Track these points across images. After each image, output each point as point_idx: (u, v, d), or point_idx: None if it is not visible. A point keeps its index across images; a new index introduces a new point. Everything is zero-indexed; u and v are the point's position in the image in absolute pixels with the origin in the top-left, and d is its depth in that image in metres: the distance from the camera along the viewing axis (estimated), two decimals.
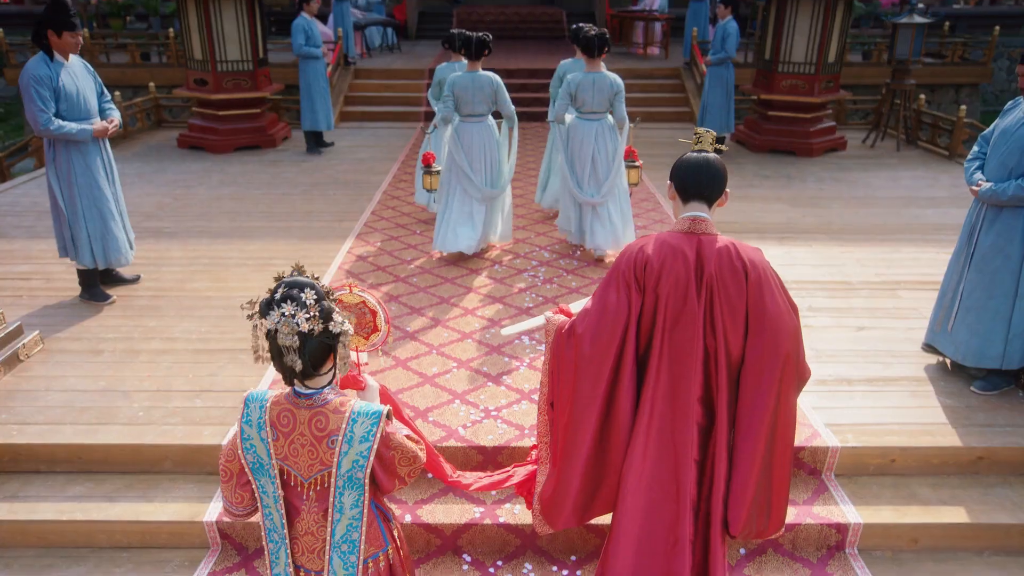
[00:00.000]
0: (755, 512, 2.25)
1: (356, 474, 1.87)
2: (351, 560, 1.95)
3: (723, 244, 2.17)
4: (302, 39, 8.30)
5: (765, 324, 2.11)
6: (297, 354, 1.77)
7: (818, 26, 8.31)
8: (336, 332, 1.83)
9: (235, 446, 1.92)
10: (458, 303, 4.92)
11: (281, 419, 1.87)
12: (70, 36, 4.35)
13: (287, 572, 2.00)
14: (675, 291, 2.15)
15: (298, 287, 1.79)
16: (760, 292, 2.11)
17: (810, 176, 8.05)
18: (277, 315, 1.76)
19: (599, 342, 2.21)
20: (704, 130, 2.32)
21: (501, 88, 5.33)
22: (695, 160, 2.22)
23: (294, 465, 1.89)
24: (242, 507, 2.01)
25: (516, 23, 16.59)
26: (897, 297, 5.04)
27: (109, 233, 4.73)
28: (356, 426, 1.84)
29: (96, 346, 4.31)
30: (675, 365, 2.18)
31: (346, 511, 1.91)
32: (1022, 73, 3.55)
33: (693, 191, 2.20)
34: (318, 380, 1.87)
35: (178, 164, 8.40)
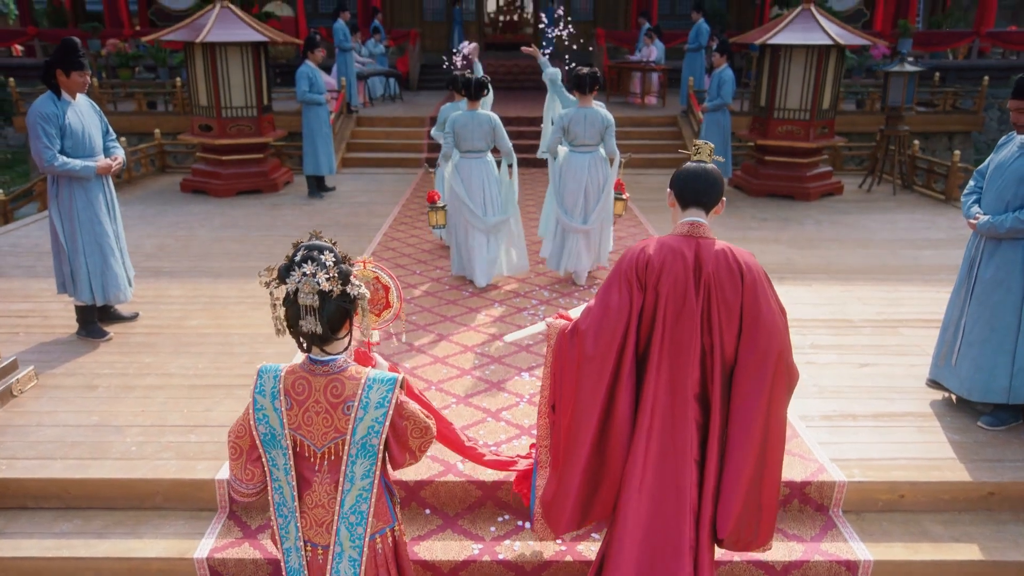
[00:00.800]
0: (746, 515, 2.28)
1: (371, 441, 1.88)
2: (358, 532, 1.95)
3: (720, 247, 2.27)
4: (306, 85, 8.46)
5: (759, 323, 2.20)
6: (316, 315, 1.80)
7: (811, 74, 8.49)
8: (353, 295, 1.87)
9: (247, 420, 1.93)
10: (457, 340, 4.89)
11: (296, 387, 1.89)
12: (78, 76, 4.43)
13: (297, 547, 1.99)
14: (675, 290, 2.22)
15: (317, 250, 1.83)
16: (755, 293, 2.21)
17: (808, 219, 8.10)
18: (298, 275, 1.79)
19: (602, 339, 2.26)
20: (702, 142, 2.43)
21: (499, 126, 5.60)
22: (694, 169, 2.33)
23: (307, 434, 1.90)
24: (252, 484, 2.00)
25: (516, 74, 16.96)
26: (899, 335, 5.01)
27: (109, 269, 4.72)
28: (372, 392, 1.87)
29: (90, 382, 4.26)
30: (675, 361, 2.24)
31: (357, 481, 1.91)
32: (1014, 108, 3.59)
33: (691, 198, 2.31)
34: (335, 345, 1.90)
35: (180, 207, 8.46)
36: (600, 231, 5.80)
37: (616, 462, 2.34)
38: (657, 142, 11.39)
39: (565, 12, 19.58)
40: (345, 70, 11.90)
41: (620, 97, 13.85)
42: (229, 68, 8.56)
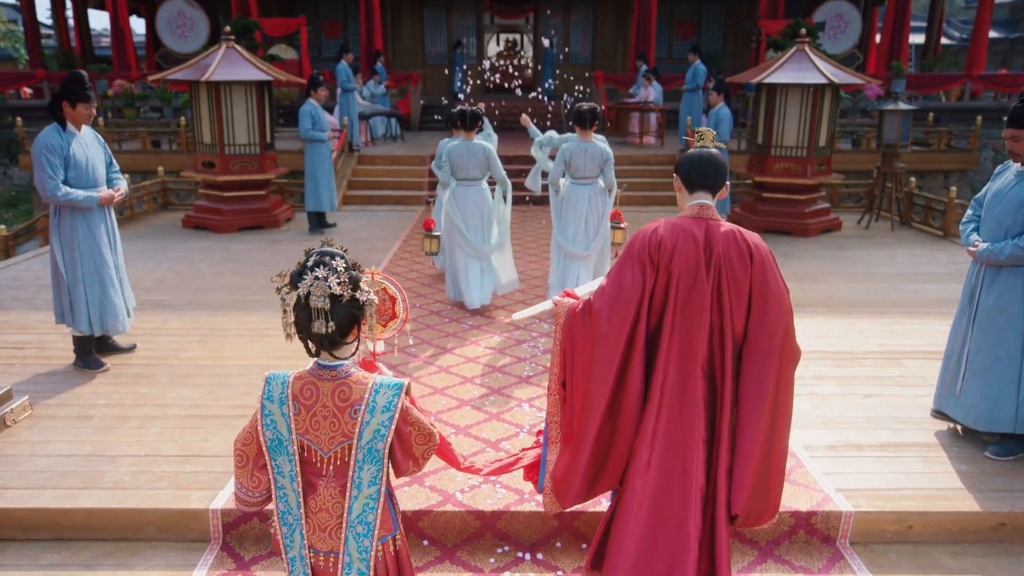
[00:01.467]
0: (756, 490, 2.33)
1: (376, 445, 1.91)
2: (365, 544, 1.96)
3: (728, 228, 2.34)
4: (308, 123, 8.57)
5: (768, 300, 2.28)
6: (327, 317, 1.85)
7: (807, 112, 8.60)
8: (362, 301, 1.92)
9: (254, 427, 1.96)
10: (457, 372, 4.85)
11: (304, 392, 1.92)
12: (84, 107, 4.49)
13: (302, 555, 1.99)
14: (686, 269, 2.28)
15: (329, 255, 1.90)
16: (763, 271, 2.29)
17: (807, 254, 8.12)
18: (310, 278, 1.86)
19: (615, 317, 2.31)
20: (705, 128, 2.54)
21: (493, 155, 5.88)
22: (699, 154, 2.42)
23: (314, 439, 1.93)
24: (257, 492, 2.02)
25: (517, 116, 17.19)
26: (902, 366, 4.97)
27: (108, 300, 4.71)
28: (379, 396, 1.91)
29: (85, 412, 4.21)
30: (686, 338, 2.29)
31: (364, 488, 1.94)
32: (1009, 136, 3.62)
33: (698, 182, 2.39)
34: (343, 350, 1.94)
35: (181, 242, 8.49)
36: (600, 258, 5.89)
37: (626, 437, 2.39)
38: (656, 180, 11.49)
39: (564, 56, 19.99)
40: (347, 110, 12.08)
41: (619, 137, 14.02)
42: (233, 106, 8.68)
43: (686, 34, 18.55)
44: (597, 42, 19.01)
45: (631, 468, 2.38)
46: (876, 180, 9.53)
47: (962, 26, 30.07)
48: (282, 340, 2.03)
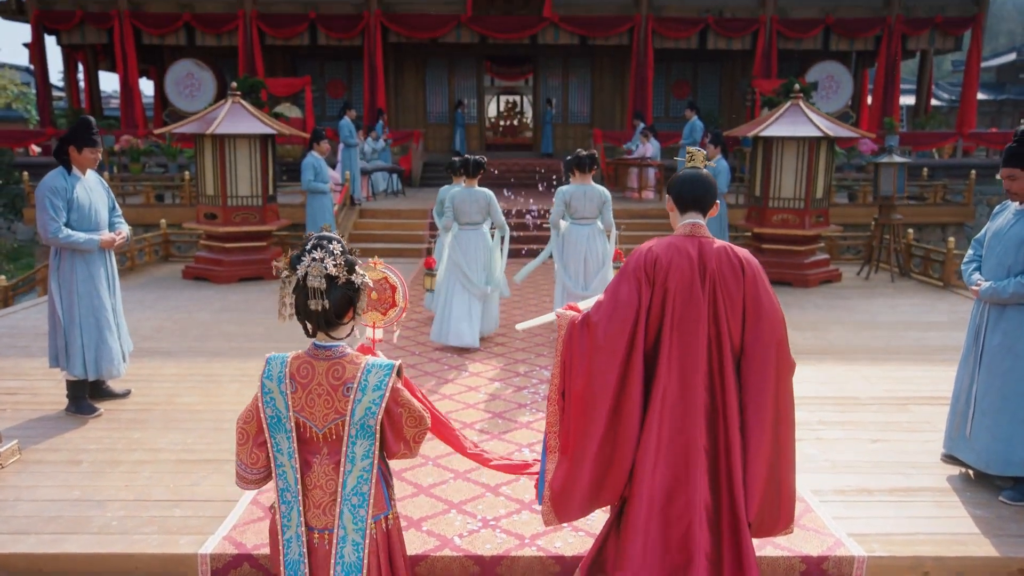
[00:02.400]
0: (768, 496, 2.38)
1: (368, 421, 1.99)
2: (360, 514, 2.02)
3: (720, 245, 2.43)
4: (311, 175, 8.68)
5: (761, 313, 2.37)
6: (323, 297, 1.95)
7: (803, 164, 8.72)
8: (357, 284, 2.03)
9: (255, 405, 2.05)
10: (456, 417, 4.76)
11: (301, 371, 2.02)
12: (90, 152, 4.54)
13: (298, 534, 2.04)
14: (682, 284, 2.35)
15: (327, 239, 2.02)
16: (756, 286, 2.37)
17: (808, 303, 8.10)
18: (308, 259, 1.97)
19: (612, 330, 2.36)
20: (695, 149, 2.61)
21: (493, 201, 6.22)
22: (690, 175, 2.51)
23: (310, 416, 2.01)
24: (256, 468, 2.10)
25: (516, 172, 17.47)
26: (909, 412, 4.89)
27: (104, 343, 4.66)
28: (370, 375, 2.00)
29: (75, 456, 4.11)
30: (684, 351, 2.35)
31: (357, 461, 2.01)
32: (1006, 176, 3.65)
33: (690, 202, 2.47)
34: (339, 330, 2.05)
35: (181, 292, 8.48)
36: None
37: (627, 449, 2.40)
38: (655, 233, 11.56)
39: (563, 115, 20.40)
40: (350, 165, 12.25)
41: (618, 192, 14.18)
42: (237, 159, 8.81)
43: (682, 93, 19.00)
44: (595, 101, 19.44)
45: (636, 479, 2.39)
46: (874, 232, 9.59)
47: (951, 88, 30.85)
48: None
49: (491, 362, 5.89)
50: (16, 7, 17.19)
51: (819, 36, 16.60)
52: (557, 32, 16.72)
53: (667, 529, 2.36)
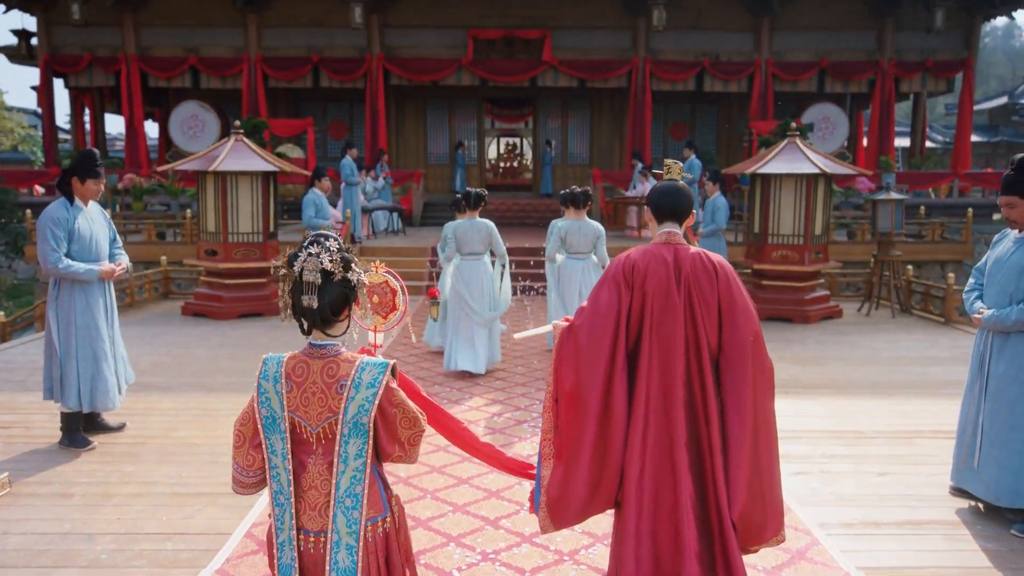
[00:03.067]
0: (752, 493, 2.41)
1: (361, 419, 1.96)
2: (354, 516, 1.98)
3: (695, 251, 2.53)
4: (312, 211, 8.73)
5: (736, 312, 2.46)
6: (317, 292, 1.96)
7: (802, 200, 8.77)
8: (353, 281, 2.03)
9: (251, 407, 2.04)
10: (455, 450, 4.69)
11: (296, 370, 2.01)
12: (93, 183, 4.57)
13: (290, 537, 2.01)
14: (659, 288, 2.46)
15: (324, 237, 2.04)
16: (729, 287, 2.47)
17: (809, 339, 8.06)
18: (304, 255, 1.98)
19: (594, 332, 2.46)
20: (672, 161, 2.72)
21: (494, 232, 6.40)
22: (667, 187, 2.62)
23: (304, 415, 2.00)
24: (252, 471, 2.08)
25: (516, 212, 17.61)
26: (914, 445, 4.83)
27: (100, 375, 4.62)
28: (364, 373, 1.98)
29: (66, 490, 4.04)
30: (664, 351, 2.45)
31: (350, 461, 1.99)
32: (1004, 203, 3.66)
33: (666, 212, 2.59)
34: (335, 328, 2.04)
35: (179, 328, 8.45)
36: None
37: (616, 449, 2.46)
38: None
39: (563, 156, 20.61)
40: (351, 203, 12.33)
41: (617, 230, 14.26)
42: (239, 195, 8.87)
43: (680, 134, 19.23)
44: (594, 143, 19.68)
45: (625, 481, 2.45)
46: (874, 268, 9.60)
47: (944, 130, 31.29)
48: None
49: (491, 395, 5.86)
50: (26, 51, 17.55)
51: (814, 78, 16.89)
52: (556, 75, 17.01)
53: (657, 531, 2.40)
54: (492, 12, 16.63)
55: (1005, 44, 60.78)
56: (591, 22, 16.74)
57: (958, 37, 16.89)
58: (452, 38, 16.61)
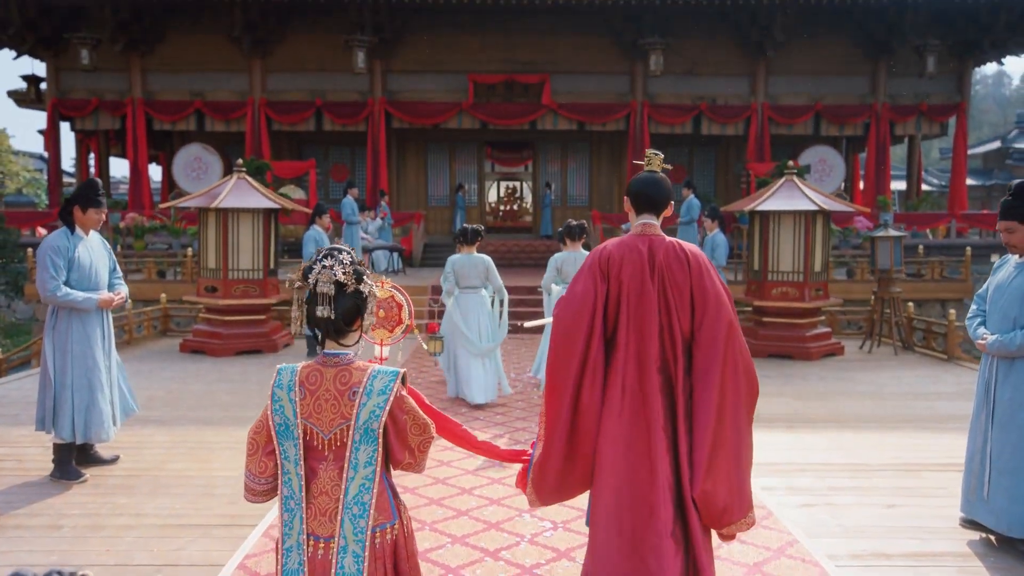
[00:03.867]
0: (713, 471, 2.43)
1: (372, 425, 2.03)
2: (360, 524, 2.02)
3: (669, 241, 2.60)
4: (312, 248, 8.73)
5: (708, 299, 2.51)
6: (331, 303, 2.04)
7: (801, 237, 8.80)
8: (365, 293, 2.11)
9: (265, 415, 2.10)
10: (455, 483, 4.61)
11: (310, 378, 2.08)
12: (94, 212, 4.58)
13: (299, 542, 2.05)
14: (634, 277, 2.54)
15: (337, 250, 2.12)
16: (700, 275, 2.53)
17: (811, 375, 7.99)
18: (319, 267, 2.06)
19: (571, 318, 2.55)
20: (652, 152, 2.70)
21: (491, 267, 6.59)
22: (645, 178, 2.67)
23: (317, 422, 2.06)
24: (263, 478, 2.14)
25: (516, 252, 17.68)
26: (921, 478, 4.74)
27: (94, 405, 4.56)
28: (376, 380, 2.05)
29: (56, 522, 3.95)
30: (639, 337, 2.51)
31: (360, 468, 2.04)
32: (1003, 229, 3.67)
33: (644, 204, 2.65)
34: (348, 338, 2.12)
35: (177, 364, 8.39)
36: None
37: (587, 432, 2.52)
38: None
39: (562, 198, 20.78)
40: (351, 241, 12.38)
41: None
42: (240, 232, 8.90)
43: (678, 177, 19.36)
44: (594, 184, 19.88)
45: (601, 463, 2.51)
46: (874, 306, 9.58)
47: (940, 174, 31.65)
48: None
49: (492, 429, 5.77)
50: (35, 96, 17.86)
51: (810, 121, 17.15)
52: (556, 118, 17.27)
53: (633, 510, 2.44)
54: (492, 57, 16.97)
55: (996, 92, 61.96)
56: (590, 67, 17.07)
57: (950, 81, 17.21)
58: (453, 82, 16.92)
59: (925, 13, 15.88)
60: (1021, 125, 33.93)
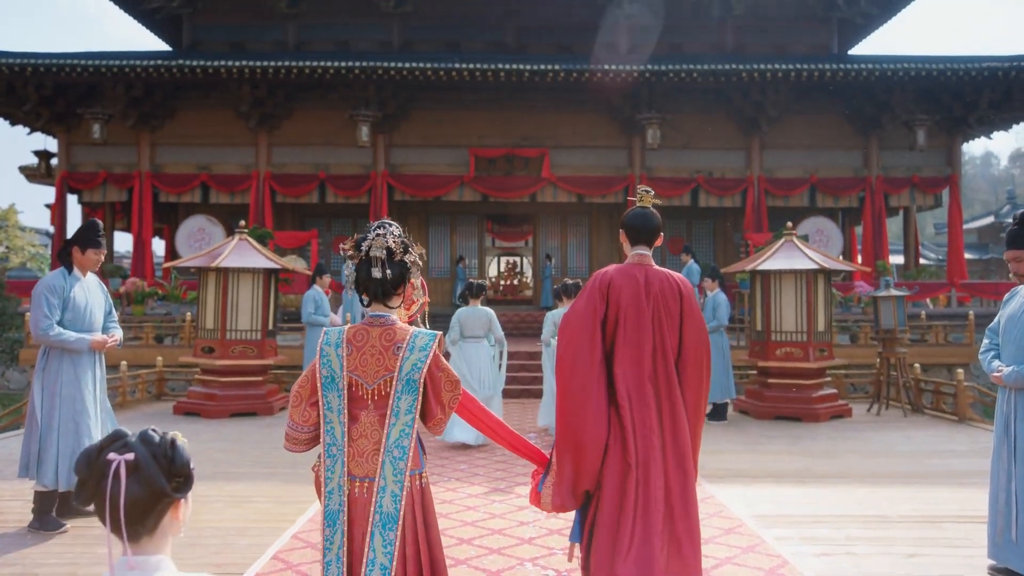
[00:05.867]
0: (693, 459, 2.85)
1: (414, 376, 2.29)
2: (400, 467, 2.24)
3: (663, 271, 2.93)
4: (311, 308, 8.70)
5: (694, 324, 2.88)
6: (383, 266, 2.31)
7: (802, 296, 8.76)
8: (408, 263, 2.39)
9: (312, 370, 2.35)
10: (455, 534, 4.39)
11: (357, 336, 2.36)
12: (93, 253, 4.55)
13: (340, 484, 2.27)
14: (631, 301, 2.84)
15: (387, 223, 2.43)
16: (690, 304, 2.90)
17: (820, 435, 7.78)
18: (372, 235, 2.36)
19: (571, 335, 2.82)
20: (643, 189, 3.00)
21: (494, 319, 7.16)
22: (639, 213, 2.96)
23: (362, 374, 2.32)
24: (306, 427, 2.36)
25: (516, 323, 17.61)
26: (943, 529, 4.52)
27: (80, 451, 4.39)
28: (417, 339, 2.33)
29: (31, 571, 3.74)
30: (636, 354, 2.80)
31: (401, 415, 2.29)
32: (1012, 258, 3.63)
33: (638, 236, 2.95)
34: (392, 300, 2.40)
35: (170, 426, 7.94)
36: None
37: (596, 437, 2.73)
38: None
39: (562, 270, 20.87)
40: (350, 307, 12.33)
41: None
42: (239, 292, 8.87)
43: (677, 249, 19.51)
44: (593, 256, 20.00)
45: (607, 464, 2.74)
46: (880, 367, 9.45)
47: (936, 248, 31.96)
48: (264, 505, 2.62)
49: (493, 474, 5.58)
50: (45, 171, 18.22)
51: (805, 193, 17.41)
52: (555, 191, 17.56)
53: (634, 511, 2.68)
54: (493, 132, 17.42)
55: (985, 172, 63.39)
56: (588, 141, 17.50)
57: (941, 155, 17.59)
58: (454, 156, 17.30)
59: (912, 90, 16.40)
60: (1013, 200, 34.54)
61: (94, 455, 1.39)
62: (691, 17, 18.11)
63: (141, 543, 1.40)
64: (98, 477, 1.36)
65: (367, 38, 18.23)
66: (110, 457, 1.36)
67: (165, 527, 1.43)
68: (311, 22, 18.21)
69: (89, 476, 1.38)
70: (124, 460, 1.35)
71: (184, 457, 1.43)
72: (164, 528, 1.43)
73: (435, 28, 18.40)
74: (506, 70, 15.39)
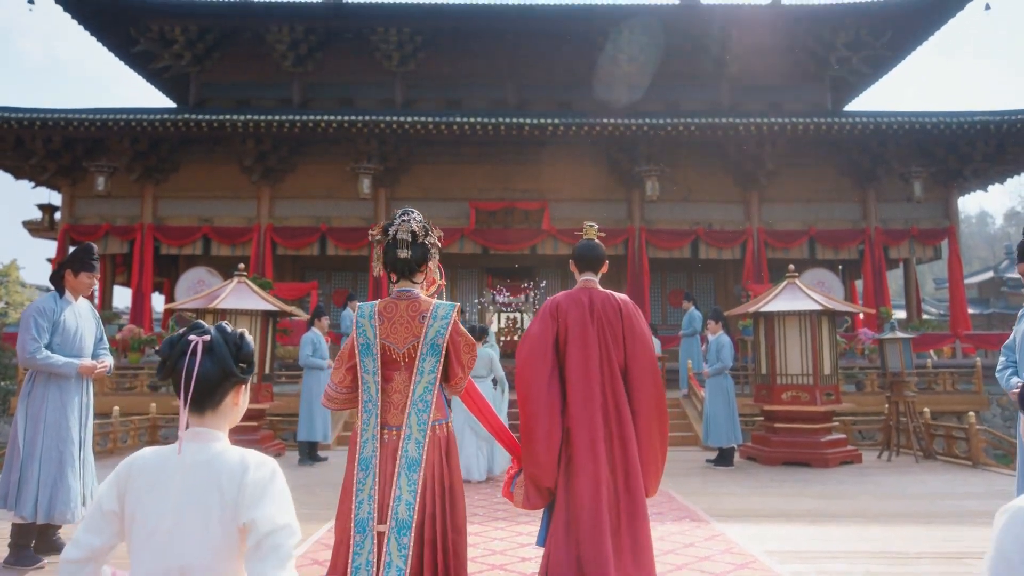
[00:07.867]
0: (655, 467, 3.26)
1: (437, 341, 2.74)
2: (423, 418, 2.70)
3: (606, 293, 3.36)
4: (309, 350, 8.57)
5: (636, 339, 3.29)
6: (408, 247, 2.76)
7: (807, 339, 8.64)
8: (429, 245, 2.84)
9: (351, 340, 2.80)
10: None
11: (386, 309, 2.80)
12: (86, 277, 4.47)
13: (373, 434, 2.71)
14: (578, 321, 3.28)
15: (410, 210, 2.85)
16: (631, 321, 3.30)
17: (831, 479, 7.54)
18: (398, 220, 2.81)
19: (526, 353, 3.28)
20: (588, 224, 3.50)
21: (495, 359, 7.65)
22: (585, 244, 3.48)
23: (393, 340, 2.77)
24: (344, 387, 2.84)
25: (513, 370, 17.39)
26: (966, 564, 4.30)
27: (62, 481, 4.22)
28: (439, 310, 2.78)
29: None
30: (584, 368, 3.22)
31: (425, 375, 2.74)
32: (1023, 271, 3.55)
33: (585, 264, 3.45)
34: (416, 277, 2.86)
35: None
36: None
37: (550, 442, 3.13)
38: None
39: None
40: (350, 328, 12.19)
41: None
42: None
43: (678, 302, 19.49)
44: None
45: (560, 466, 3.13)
46: (889, 412, 9.24)
47: (937, 303, 31.90)
48: None
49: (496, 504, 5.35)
50: (49, 224, 18.34)
51: (805, 246, 17.46)
52: (556, 243, 17.62)
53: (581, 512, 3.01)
54: (493, 185, 17.60)
55: (981, 231, 64.00)
56: (588, 193, 17.66)
57: (939, 207, 17.71)
58: (455, 209, 17.42)
59: (907, 143, 16.65)
60: (1011, 256, 34.66)
61: (176, 338, 1.66)
62: (687, 76, 18.55)
63: (205, 416, 1.67)
64: (178, 354, 1.61)
65: (371, 96, 18.63)
66: (191, 338, 1.62)
67: (227, 408, 1.69)
68: (316, 80, 18.65)
69: (171, 354, 1.62)
70: (202, 340, 1.62)
71: (250, 347, 1.70)
72: (226, 408, 1.69)
73: (437, 86, 18.84)
74: (506, 124, 15.65)
